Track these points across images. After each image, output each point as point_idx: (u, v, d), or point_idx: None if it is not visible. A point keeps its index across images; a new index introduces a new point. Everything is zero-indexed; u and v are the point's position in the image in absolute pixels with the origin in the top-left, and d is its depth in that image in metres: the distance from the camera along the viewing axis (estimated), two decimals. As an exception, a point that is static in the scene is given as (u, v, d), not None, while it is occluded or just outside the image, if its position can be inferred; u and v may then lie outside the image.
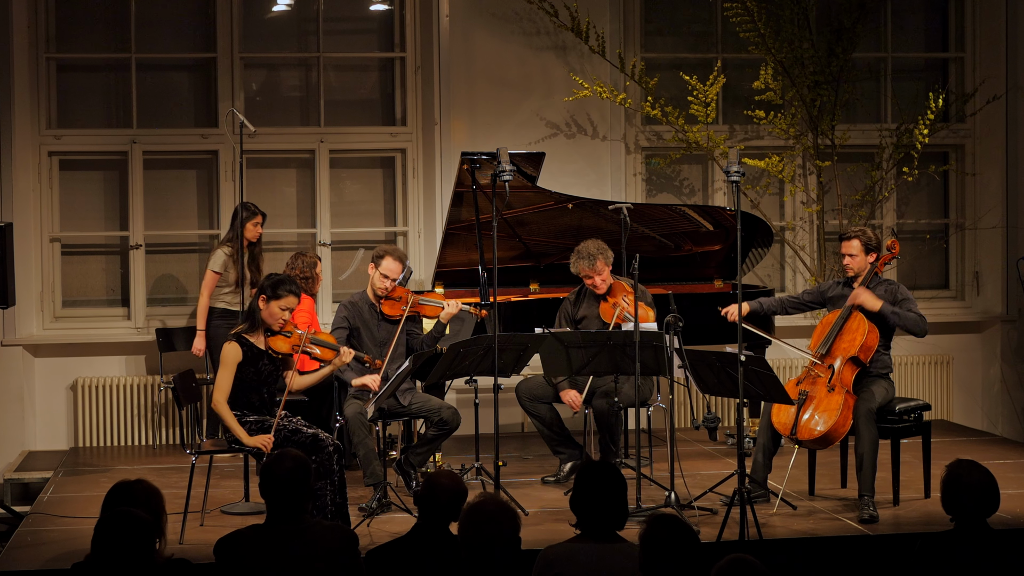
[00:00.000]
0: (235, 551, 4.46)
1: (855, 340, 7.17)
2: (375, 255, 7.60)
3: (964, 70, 10.35)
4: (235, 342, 6.70)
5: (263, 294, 6.74)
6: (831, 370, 7.16)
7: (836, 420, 6.99)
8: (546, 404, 7.86)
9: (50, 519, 7.19)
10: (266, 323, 6.77)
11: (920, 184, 10.30)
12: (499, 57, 9.71)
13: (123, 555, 4.12)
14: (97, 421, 9.40)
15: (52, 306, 9.53)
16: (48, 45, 9.50)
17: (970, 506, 4.59)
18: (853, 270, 7.36)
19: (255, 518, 6.78)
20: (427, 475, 4.68)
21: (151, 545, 4.18)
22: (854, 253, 7.34)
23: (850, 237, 7.36)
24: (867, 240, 7.33)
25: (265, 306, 6.73)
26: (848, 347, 7.18)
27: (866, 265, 7.34)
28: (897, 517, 7.06)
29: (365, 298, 7.62)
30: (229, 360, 6.66)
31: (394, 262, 7.53)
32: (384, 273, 7.52)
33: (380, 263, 7.54)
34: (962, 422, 10.20)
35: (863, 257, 7.33)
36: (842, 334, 7.23)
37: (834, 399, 7.06)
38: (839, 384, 7.11)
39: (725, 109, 10.09)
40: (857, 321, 7.21)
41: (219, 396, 6.66)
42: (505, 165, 6.90)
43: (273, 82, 9.94)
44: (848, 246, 7.36)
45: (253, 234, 8.83)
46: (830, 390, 7.10)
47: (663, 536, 4.01)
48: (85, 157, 9.64)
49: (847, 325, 7.23)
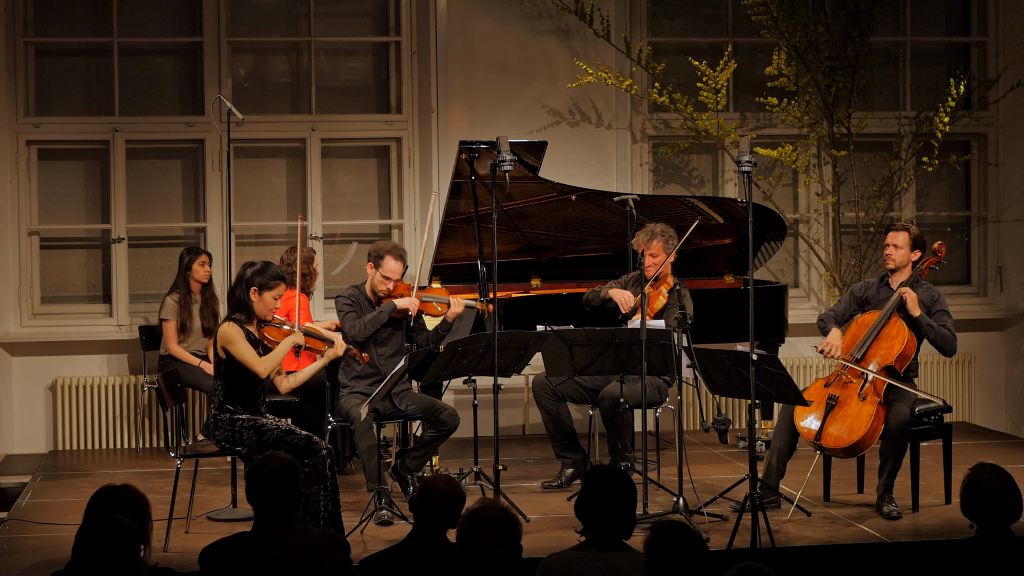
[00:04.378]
0: (221, 559, 4.45)
1: (893, 348, 7.15)
2: (373, 255, 7.51)
3: (986, 55, 10.34)
4: (230, 321, 6.69)
5: (253, 287, 6.72)
6: (864, 377, 7.13)
7: (866, 432, 6.97)
8: (565, 404, 7.85)
9: (28, 526, 7.19)
10: (259, 315, 6.77)
11: (940, 175, 10.29)
12: (499, 41, 9.70)
13: (106, 564, 4.11)
14: (77, 423, 9.40)
15: (30, 303, 9.53)
16: (26, 29, 9.49)
17: (992, 512, 4.59)
18: (894, 261, 7.38)
19: (242, 525, 6.79)
20: (423, 480, 4.68)
21: (136, 553, 4.17)
22: (900, 245, 7.38)
23: (899, 229, 7.42)
24: (916, 236, 7.38)
25: (259, 298, 6.73)
26: (886, 355, 7.15)
27: (907, 261, 7.36)
28: (916, 524, 7.05)
29: (363, 293, 7.59)
30: (235, 336, 6.62)
31: (395, 261, 7.45)
32: (385, 275, 7.45)
33: (380, 264, 7.47)
34: (984, 424, 10.20)
35: (907, 252, 7.38)
36: (879, 339, 7.21)
37: (865, 409, 7.03)
38: (871, 393, 7.07)
39: (736, 96, 10.08)
40: (897, 328, 7.18)
41: (261, 367, 6.64)
42: (505, 155, 6.90)
43: (262, 67, 9.93)
44: (896, 236, 7.40)
45: (203, 275, 8.89)
46: (862, 399, 7.07)
47: (670, 544, 4.01)
48: (65, 146, 9.63)
49: (885, 331, 7.21)
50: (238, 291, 6.76)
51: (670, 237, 7.74)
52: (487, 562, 4.20)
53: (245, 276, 6.76)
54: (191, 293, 8.91)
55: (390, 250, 7.49)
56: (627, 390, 7.25)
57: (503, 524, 4.23)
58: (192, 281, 8.91)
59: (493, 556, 4.20)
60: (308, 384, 8.10)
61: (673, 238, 7.75)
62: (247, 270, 6.78)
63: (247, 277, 6.76)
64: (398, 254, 7.48)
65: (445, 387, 8.15)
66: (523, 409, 9.65)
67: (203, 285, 8.90)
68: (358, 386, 7.44)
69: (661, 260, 7.68)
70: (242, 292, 6.74)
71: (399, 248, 7.55)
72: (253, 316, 6.76)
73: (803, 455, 7.64)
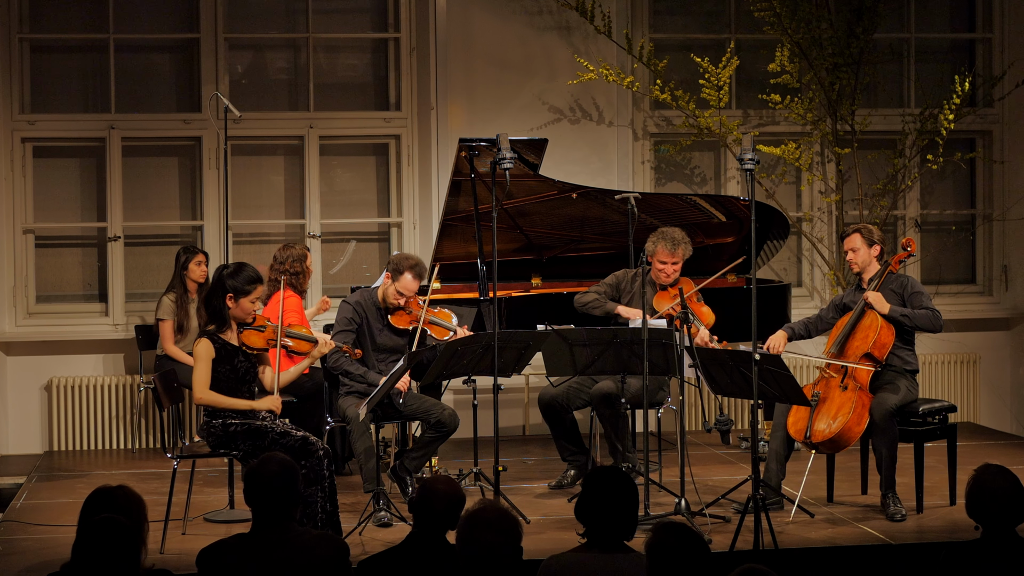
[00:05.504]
0: (218, 561, 4.45)
1: (868, 337, 7.25)
2: (393, 268, 7.42)
3: (992, 52, 10.33)
4: (207, 339, 6.68)
5: (229, 293, 6.69)
6: (844, 369, 7.21)
7: (849, 419, 7.01)
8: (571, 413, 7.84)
9: (23, 527, 7.18)
10: (238, 319, 6.76)
11: (945, 172, 10.29)
12: (499, 37, 9.70)
13: (107, 565, 4.10)
14: (73, 423, 9.40)
15: (25, 301, 9.52)
16: (21, 25, 9.48)
17: (997, 514, 4.59)
18: (858, 265, 7.47)
19: (240, 526, 6.80)
20: (422, 481, 4.68)
21: (136, 555, 4.17)
22: (856, 247, 7.47)
23: (850, 232, 7.51)
24: (867, 234, 7.44)
25: (235, 304, 6.71)
26: (861, 344, 7.26)
27: (870, 260, 7.43)
28: (921, 525, 7.06)
29: (373, 299, 7.54)
30: (203, 355, 6.65)
31: (413, 280, 7.36)
32: (401, 291, 7.40)
33: (398, 279, 7.38)
34: (989, 425, 10.20)
35: (866, 251, 7.45)
36: (855, 333, 7.32)
37: (846, 397, 7.11)
38: (852, 382, 7.16)
39: (739, 93, 10.07)
40: (871, 319, 7.30)
41: (200, 389, 6.65)
42: (505, 152, 6.89)
43: (259, 64, 9.93)
44: (850, 241, 7.50)
45: (199, 274, 8.87)
46: (843, 389, 7.15)
47: (671, 545, 4.01)
48: (60, 144, 9.63)
49: (860, 323, 7.33)
50: (215, 299, 6.72)
51: (688, 244, 7.83)
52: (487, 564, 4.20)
53: (221, 282, 6.72)
54: (187, 293, 8.90)
55: (411, 267, 7.38)
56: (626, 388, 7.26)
57: (503, 526, 4.23)
58: (188, 280, 8.90)
59: (493, 558, 4.20)
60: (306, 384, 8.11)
61: (688, 240, 7.83)
62: (221, 274, 6.75)
63: (223, 283, 6.71)
64: (418, 272, 7.38)
65: (444, 387, 8.15)
66: (523, 409, 9.65)
67: (200, 285, 8.90)
68: (356, 386, 7.44)
69: (680, 266, 7.75)
70: (218, 299, 6.71)
71: (421, 266, 7.43)
72: (227, 322, 6.74)
73: (804, 456, 7.64)
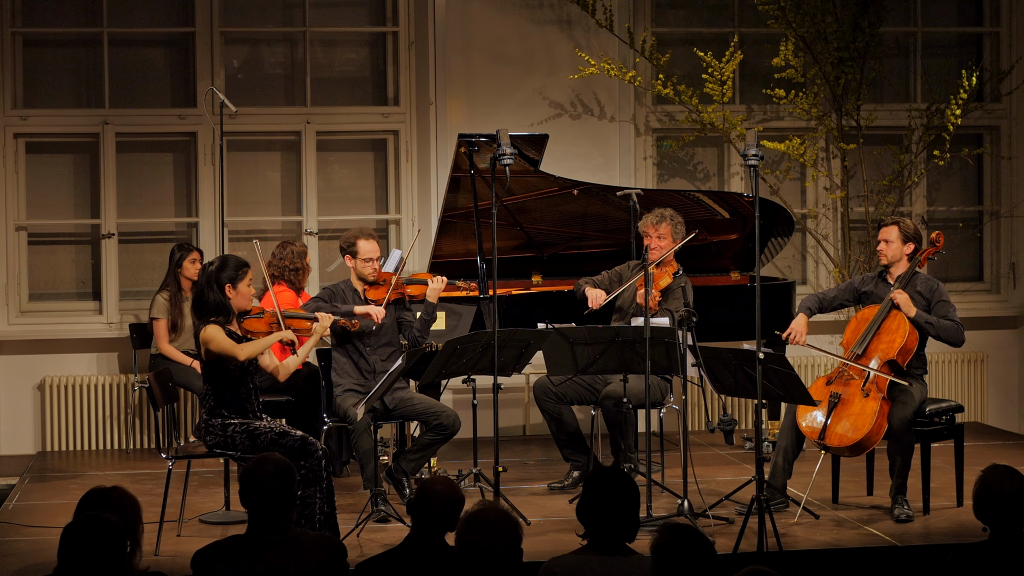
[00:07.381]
0: (214, 563, 4.45)
1: (894, 342, 7.15)
2: (344, 247, 7.56)
3: (999, 46, 10.33)
4: (214, 324, 6.66)
5: (226, 284, 6.69)
6: (866, 373, 7.14)
7: (870, 428, 6.97)
8: (568, 406, 7.84)
9: (15, 528, 7.18)
10: (241, 307, 6.76)
11: (952, 168, 10.29)
12: (499, 31, 9.69)
13: (93, 563, 4.10)
14: (66, 423, 9.40)
15: (18, 299, 9.52)
16: (14, 19, 9.48)
17: (1006, 515, 4.59)
18: (887, 257, 7.37)
19: (236, 528, 6.79)
20: (421, 482, 4.67)
21: (122, 551, 4.17)
22: (891, 240, 7.37)
23: (890, 223, 7.41)
24: (906, 229, 7.36)
25: (235, 292, 6.71)
26: (887, 349, 7.16)
27: (901, 256, 7.35)
28: (927, 526, 7.05)
29: (349, 285, 7.61)
30: (215, 333, 6.58)
31: (368, 241, 7.52)
32: (365, 257, 7.50)
33: (355, 250, 7.52)
34: (997, 425, 10.19)
35: (899, 246, 7.36)
36: (880, 334, 7.21)
37: (869, 405, 7.03)
38: (874, 389, 7.08)
39: (742, 88, 10.07)
40: (897, 321, 7.19)
41: (237, 350, 6.58)
42: (505, 148, 6.89)
43: (256, 58, 9.92)
44: (887, 231, 7.39)
45: (193, 272, 8.86)
46: (865, 395, 7.07)
47: (676, 547, 4.01)
48: (53, 139, 9.63)
49: (886, 324, 7.22)
50: (211, 295, 6.68)
51: (679, 223, 7.78)
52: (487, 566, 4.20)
53: (213, 277, 6.70)
54: (182, 291, 8.90)
55: (358, 233, 7.57)
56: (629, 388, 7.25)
57: (503, 527, 4.22)
58: (183, 278, 8.90)
59: (493, 560, 4.20)
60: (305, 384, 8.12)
61: (682, 225, 7.80)
62: (209, 272, 6.72)
63: (216, 277, 6.69)
64: (367, 234, 7.56)
65: (444, 387, 8.15)
66: (523, 409, 9.65)
67: (194, 282, 8.89)
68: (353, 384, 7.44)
69: (668, 244, 7.70)
70: (216, 294, 6.68)
71: (365, 229, 7.62)
72: (232, 314, 6.73)
73: (810, 456, 7.64)
